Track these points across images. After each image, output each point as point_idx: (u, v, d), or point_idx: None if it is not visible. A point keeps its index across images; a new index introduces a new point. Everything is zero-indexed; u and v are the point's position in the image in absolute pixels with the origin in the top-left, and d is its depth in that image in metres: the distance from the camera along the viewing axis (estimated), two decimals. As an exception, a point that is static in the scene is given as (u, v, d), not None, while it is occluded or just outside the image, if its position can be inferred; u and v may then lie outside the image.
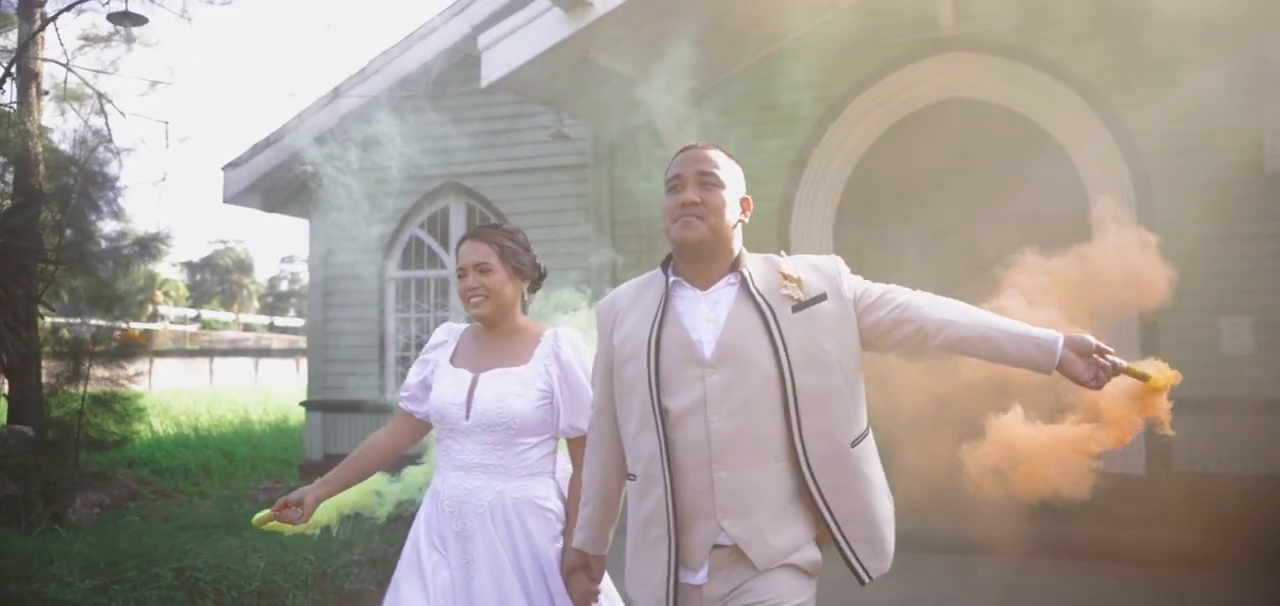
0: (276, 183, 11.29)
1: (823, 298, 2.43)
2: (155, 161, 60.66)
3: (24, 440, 8.10)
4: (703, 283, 2.47)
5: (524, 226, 10.89)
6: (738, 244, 2.52)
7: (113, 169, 10.18)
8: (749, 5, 7.62)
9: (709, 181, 2.45)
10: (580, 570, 2.77)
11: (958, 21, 8.30)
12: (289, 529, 3.05)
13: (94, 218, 9.81)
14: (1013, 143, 8.27)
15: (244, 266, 58.40)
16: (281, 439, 14.98)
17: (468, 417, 2.83)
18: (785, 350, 2.36)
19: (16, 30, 9.10)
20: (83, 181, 9.76)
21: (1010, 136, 8.37)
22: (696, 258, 2.47)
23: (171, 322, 41.55)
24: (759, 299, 2.41)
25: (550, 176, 10.01)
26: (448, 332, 3.07)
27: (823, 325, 2.41)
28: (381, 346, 10.85)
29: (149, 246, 10.49)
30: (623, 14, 7.10)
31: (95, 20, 9.98)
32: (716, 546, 2.37)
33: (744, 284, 2.44)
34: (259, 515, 3.07)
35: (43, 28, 8.71)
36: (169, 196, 20.13)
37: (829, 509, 2.35)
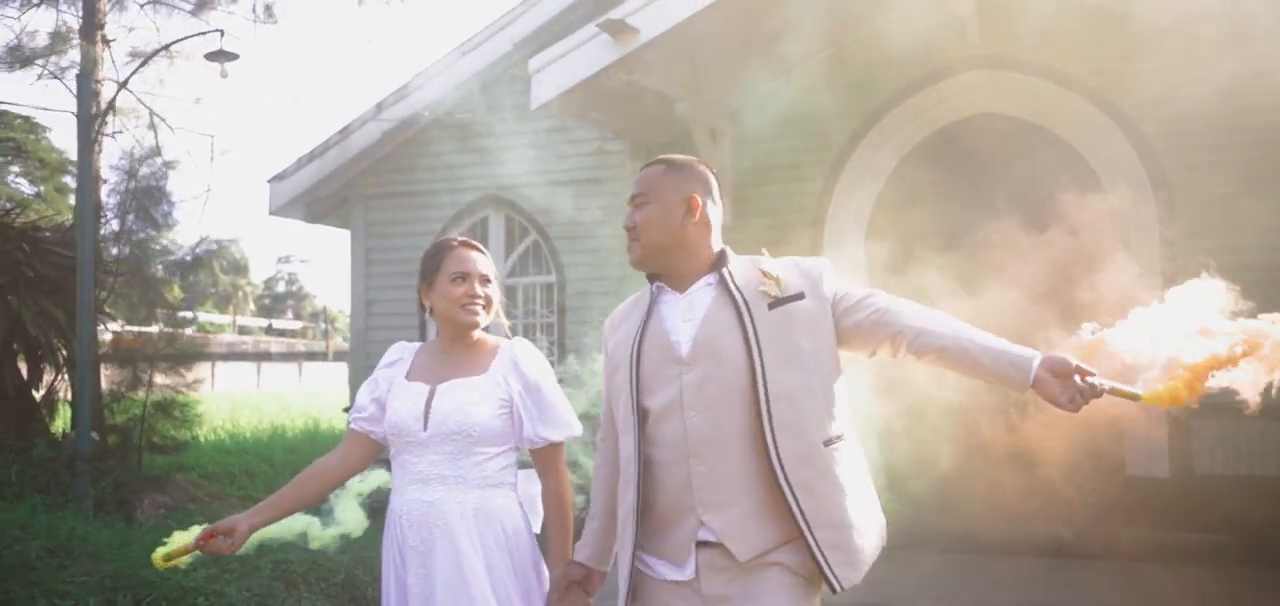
0: (320, 195, 11.68)
1: (800, 296, 2.45)
2: (199, 173, 60.85)
3: (90, 444, 8.46)
4: (681, 286, 2.54)
5: (563, 238, 11.25)
6: (710, 243, 2.56)
7: (165, 183, 10.57)
8: (781, 28, 7.94)
9: (637, 201, 2.57)
10: (578, 585, 2.74)
11: (983, 40, 8.62)
12: (185, 560, 2.80)
13: (150, 231, 10.17)
14: (1036, 155, 8.58)
15: (239, 267, 55.81)
16: (316, 445, 15.34)
17: (426, 428, 2.77)
18: (758, 345, 2.39)
19: (80, 52, 9.50)
20: (138, 197, 10.14)
21: (1034, 149, 8.68)
22: (653, 271, 2.57)
23: (166, 326, 41.00)
24: (736, 296, 2.45)
25: (588, 189, 10.34)
26: (401, 351, 3.00)
27: (798, 323, 2.43)
28: (422, 354, 11.15)
29: (200, 257, 10.90)
30: (665, 39, 7.45)
31: (145, 37, 10.37)
32: (702, 543, 2.40)
33: (722, 282, 2.50)
34: (162, 552, 2.80)
35: (137, 70, 9.10)
36: (213, 208, 20.59)
37: (799, 506, 2.33)
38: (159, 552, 2.80)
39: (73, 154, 10.39)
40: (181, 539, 2.79)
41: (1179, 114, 7.90)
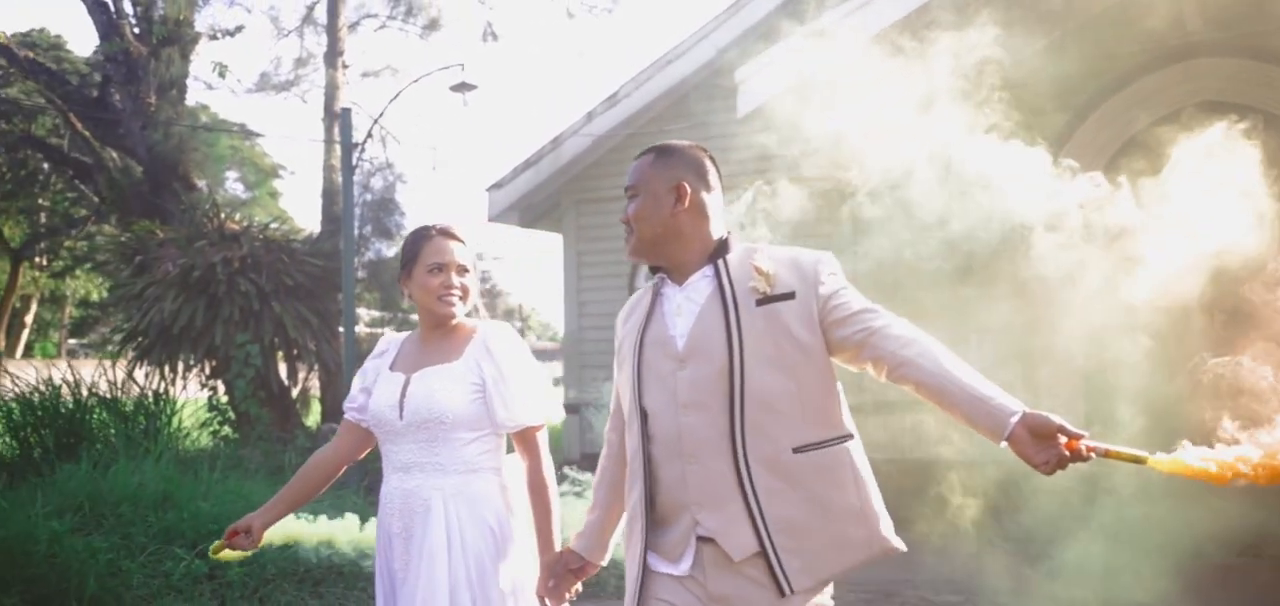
0: (533, 201, 12.30)
1: (790, 296, 2.38)
2: (423, 184, 65.20)
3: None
4: (680, 278, 2.49)
5: (764, 239, 11.45)
6: (707, 231, 2.50)
7: (395, 194, 11.49)
8: (987, 26, 7.89)
9: (629, 193, 2.50)
10: (571, 573, 2.76)
11: (1204, 26, 8.30)
12: (241, 555, 3.05)
13: (383, 240, 11.09)
14: (1266, 147, 8.20)
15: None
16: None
17: (402, 418, 2.82)
18: (740, 343, 2.34)
19: (325, 79, 10.46)
20: (374, 208, 11.07)
21: (1264, 141, 8.29)
22: (651, 263, 2.53)
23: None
24: (726, 290, 2.40)
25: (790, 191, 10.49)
26: (388, 342, 3.05)
27: (783, 324, 2.36)
28: (631, 351, 11.61)
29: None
30: (869, 45, 7.57)
31: (373, 59, 11.29)
32: (702, 539, 2.38)
33: (717, 275, 2.44)
34: (215, 544, 3.07)
35: (391, 103, 9.98)
36: (429, 213, 22.02)
37: (759, 508, 2.30)
38: (214, 546, 3.08)
39: (280, 157, 11.47)
40: (219, 542, 3.05)
41: None
